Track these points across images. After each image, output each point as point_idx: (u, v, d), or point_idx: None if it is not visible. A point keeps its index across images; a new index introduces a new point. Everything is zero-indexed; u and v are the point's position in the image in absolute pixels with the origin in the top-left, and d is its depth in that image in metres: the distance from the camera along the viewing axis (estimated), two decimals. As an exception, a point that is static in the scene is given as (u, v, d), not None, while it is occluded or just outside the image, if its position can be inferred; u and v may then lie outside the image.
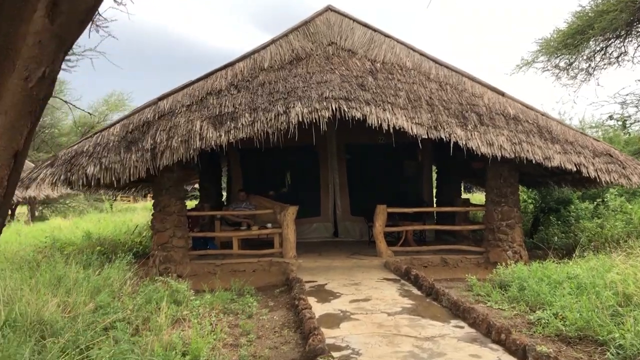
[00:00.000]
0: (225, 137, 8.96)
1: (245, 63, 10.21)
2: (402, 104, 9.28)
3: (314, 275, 9.25)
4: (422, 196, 13.47)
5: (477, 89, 10.11)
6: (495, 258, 10.12)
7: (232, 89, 9.71)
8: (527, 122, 9.71)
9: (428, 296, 7.55)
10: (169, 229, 10.01)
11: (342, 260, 10.38)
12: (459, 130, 9.21)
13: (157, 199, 10.13)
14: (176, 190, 10.12)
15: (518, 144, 9.30)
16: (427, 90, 9.79)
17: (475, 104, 9.78)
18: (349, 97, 9.02)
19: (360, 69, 9.85)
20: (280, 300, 7.93)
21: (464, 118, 9.44)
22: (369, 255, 10.75)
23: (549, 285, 7.23)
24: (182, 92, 9.94)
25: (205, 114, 9.35)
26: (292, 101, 9.07)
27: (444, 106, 9.55)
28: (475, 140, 9.18)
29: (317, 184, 13.56)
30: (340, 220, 13.59)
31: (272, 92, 9.43)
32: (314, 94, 9.08)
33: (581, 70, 19.88)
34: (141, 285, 7.90)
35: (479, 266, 10.32)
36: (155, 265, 10.01)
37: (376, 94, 9.28)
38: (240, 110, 9.23)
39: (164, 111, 9.65)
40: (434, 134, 9.08)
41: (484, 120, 9.50)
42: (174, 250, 10.03)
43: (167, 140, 9.13)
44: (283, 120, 8.86)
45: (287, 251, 10.31)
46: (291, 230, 10.31)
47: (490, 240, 10.27)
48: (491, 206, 10.29)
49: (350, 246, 12.24)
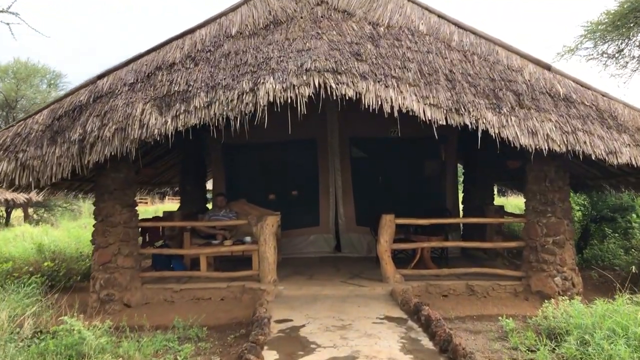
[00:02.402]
0: (173, 123, 6.70)
1: (208, 29, 7.91)
2: (413, 79, 6.85)
3: (292, 309, 6.89)
4: (444, 203, 10.93)
5: (514, 60, 7.60)
6: (538, 286, 7.61)
7: (188, 62, 7.43)
8: (584, 105, 7.17)
9: (442, 353, 5.11)
10: (112, 244, 7.79)
11: (335, 287, 7.97)
12: (489, 115, 6.74)
13: (98, 206, 7.91)
14: (123, 195, 7.88)
15: (571, 133, 6.79)
16: (446, 61, 7.33)
17: (512, 79, 7.28)
18: (338, 69, 6.63)
19: (357, 34, 7.44)
20: (232, 351, 5.60)
21: (496, 98, 6.96)
22: (372, 280, 8.32)
23: (628, 344, 4.74)
24: (127, 67, 7.71)
25: (151, 94, 7.10)
26: (263, 75, 6.74)
27: (470, 82, 7.09)
28: (512, 128, 6.70)
29: (315, 187, 11.15)
30: (344, 232, 11.11)
31: (238, 65, 7.12)
32: (291, 65, 6.72)
33: (632, 58, 17.46)
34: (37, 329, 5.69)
35: (517, 296, 7.81)
36: (96, 291, 7.79)
37: (376, 65, 6.88)
38: (194, 88, 6.94)
39: (102, 92, 7.43)
40: (456, 119, 6.64)
41: (524, 101, 7.01)
42: (119, 271, 7.80)
43: (100, 128, 6.91)
44: (249, 100, 6.55)
45: (265, 274, 7.95)
46: (270, 247, 7.95)
47: (531, 261, 7.75)
48: (533, 217, 7.77)
49: (352, 265, 9.80)
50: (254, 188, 10.83)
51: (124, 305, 7.80)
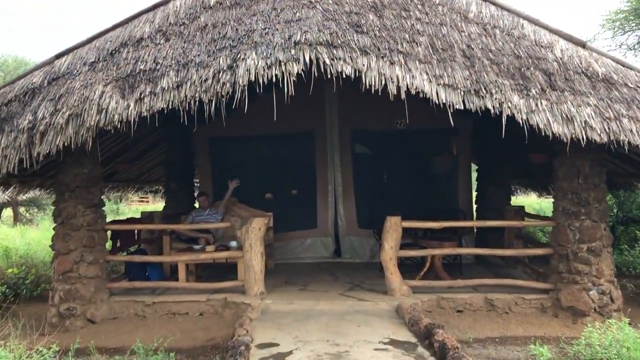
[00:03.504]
0: (136, 107, 5.61)
1: (183, 0, 6.80)
2: (423, 55, 5.73)
3: (280, 329, 5.78)
4: (456, 203, 9.77)
5: (542, 36, 6.46)
6: (569, 301, 6.47)
7: (159, 37, 6.33)
8: (627, 87, 6.01)
9: (463, 396, 3.99)
10: (74, 250, 6.73)
11: (331, 300, 6.84)
12: (515, 97, 5.61)
13: (58, 206, 6.85)
14: (86, 193, 6.82)
15: (614, 119, 5.64)
16: (463, 35, 6.20)
17: (541, 57, 6.14)
18: (333, 42, 5.52)
19: (357, 3, 6.29)
20: (199, 388, 4.51)
21: (523, 78, 5.83)
22: (375, 292, 7.20)
23: None
24: (90, 44, 6.62)
25: (113, 75, 6.00)
26: (244, 50, 5.63)
27: (491, 60, 5.95)
28: (543, 113, 5.57)
29: (312, 185, 10.02)
30: (344, 235, 9.96)
31: (215, 39, 6.02)
32: (277, 38, 5.61)
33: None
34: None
35: (544, 313, 6.68)
36: (55, 304, 6.73)
37: (380, 39, 5.76)
38: (163, 67, 5.85)
39: (59, 72, 6.35)
40: (475, 103, 5.52)
41: (556, 82, 5.87)
42: (82, 282, 6.74)
43: (53, 115, 5.83)
44: (226, 79, 5.45)
45: (250, 285, 6.85)
46: (256, 254, 6.84)
47: (561, 272, 6.61)
48: (563, 220, 6.63)
49: (353, 272, 8.67)
50: (243, 186, 9.73)
51: (87, 321, 6.76)
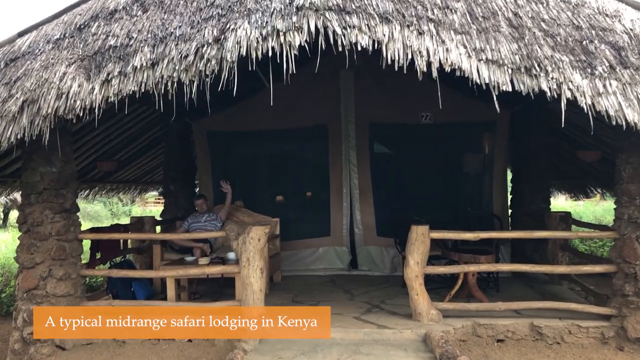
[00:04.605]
0: (102, 91, 4.54)
1: (167, -35, 5.73)
2: (460, 25, 4.58)
3: (279, 367, 4.66)
4: (491, 208, 8.51)
5: (606, 2, 5.25)
6: (639, 331, 5.24)
7: (135, 8, 5.25)
8: None
9: None
10: (40, 263, 5.70)
11: (345, 326, 5.66)
12: (577, 77, 4.42)
13: (23, 212, 5.81)
14: (56, 196, 5.76)
15: None
16: (508, 1, 5.03)
17: (607, 28, 4.93)
18: (346, 7, 4.39)
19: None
20: None
21: (586, 53, 4.63)
22: (398, 315, 6.02)
23: None
24: (58, 19, 5.57)
25: (79, 53, 4.94)
26: (234, 20, 4.53)
27: (545, 31, 4.77)
28: (614, 97, 4.37)
29: (325, 187, 8.84)
30: (361, 244, 8.73)
31: (201, 8, 4.93)
32: (276, 3, 4.50)
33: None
34: None
35: (605, 344, 5.46)
36: (18, 327, 5.70)
37: (405, 3, 4.62)
38: (137, 42, 4.78)
39: (19, 52, 5.31)
40: (527, 83, 4.35)
41: (628, 58, 4.66)
42: (50, 301, 5.73)
43: (5, 101, 4.79)
44: (211, 55, 4.35)
45: (248, 307, 5.72)
46: (255, 270, 5.71)
47: (627, 294, 5.37)
48: (630, 231, 5.39)
49: (371, 288, 7.50)
50: (248, 187, 8.62)
51: (56, 347, 5.73)
